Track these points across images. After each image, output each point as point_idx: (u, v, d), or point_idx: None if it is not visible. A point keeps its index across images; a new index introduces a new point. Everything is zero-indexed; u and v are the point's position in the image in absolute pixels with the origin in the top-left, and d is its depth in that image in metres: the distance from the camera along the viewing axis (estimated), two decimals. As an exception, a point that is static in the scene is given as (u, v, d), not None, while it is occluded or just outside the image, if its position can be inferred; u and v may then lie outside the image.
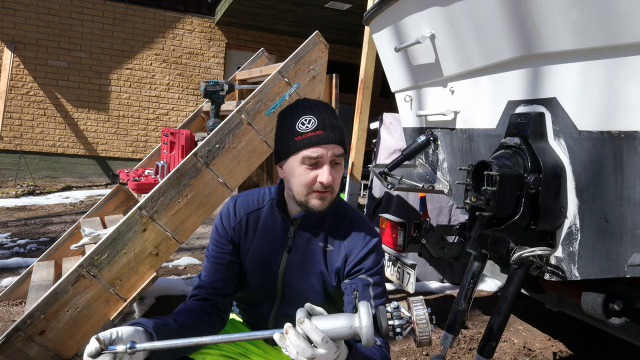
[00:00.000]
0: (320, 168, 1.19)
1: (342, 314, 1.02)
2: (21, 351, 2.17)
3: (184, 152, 2.84)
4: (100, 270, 2.30)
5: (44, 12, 8.08)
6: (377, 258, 1.29)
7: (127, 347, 0.97)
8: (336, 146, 1.20)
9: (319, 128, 1.19)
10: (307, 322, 0.97)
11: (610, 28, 1.28)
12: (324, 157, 1.19)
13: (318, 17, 8.26)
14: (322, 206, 1.22)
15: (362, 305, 1.00)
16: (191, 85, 9.20)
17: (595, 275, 1.48)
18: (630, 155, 1.35)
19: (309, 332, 0.96)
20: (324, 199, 1.22)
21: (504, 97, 1.71)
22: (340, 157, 1.22)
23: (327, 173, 1.18)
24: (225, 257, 1.33)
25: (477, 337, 2.92)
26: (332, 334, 0.98)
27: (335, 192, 1.25)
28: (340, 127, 1.23)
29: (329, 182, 1.19)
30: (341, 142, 1.22)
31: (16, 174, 8.15)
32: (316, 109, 1.23)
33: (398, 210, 3.75)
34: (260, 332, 1.03)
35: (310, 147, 1.18)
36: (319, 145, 1.18)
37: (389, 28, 2.32)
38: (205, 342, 1.02)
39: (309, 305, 1.04)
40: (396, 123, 3.98)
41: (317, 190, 1.21)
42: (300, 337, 0.96)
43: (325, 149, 1.18)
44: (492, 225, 1.59)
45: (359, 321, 0.98)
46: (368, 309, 0.99)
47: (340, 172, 1.24)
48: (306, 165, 1.19)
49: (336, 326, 0.99)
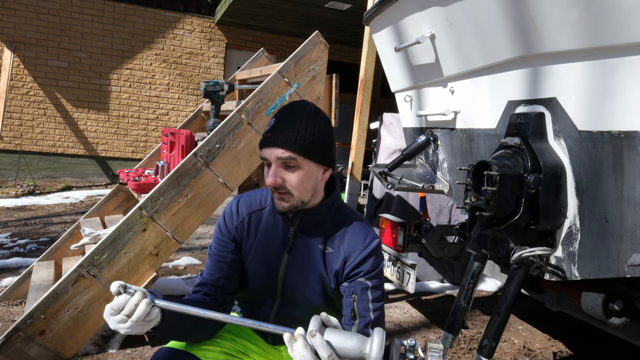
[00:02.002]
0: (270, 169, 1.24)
1: (355, 334, 1.00)
2: (21, 351, 2.17)
3: (184, 152, 2.85)
4: (100, 270, 2.30)
5: (44, 12, 8.08)
6: (376, 261, 1.29)
7: (148, 298, 1.01)
8: (279, 149, 1.20)
9: (270, 130, 1.23)
10: (318, 336, 0.96)
11: (610, 28, 1.28)
12: (268, 158, 1.22)
13: (318, 17, 8.26)
14: (279, 206, 1.25)
15: (377, 334, 0.98)
16: (191, 85, 9.20)
17: (595, 275, 1.48)
18: (630, 155, 1.35)
19: (317, 347, 0.96)
20: (280, 199, 1.25)
21: (504, 97, 1.71)
22: (287, 159, 1.20)
23: (270, 174, 1.22)
24: (227, 256, 1.34)
25: (477, 337, 2.92)
26: (341, 352, 0.97)
27: (296, 195, 1.23)
28: (300, 129, 1.21)
29: (271, 184, 1.22)
30: (286, 146, 1.19)
31: (16, 174, 8.15)
32: (282, 114, 1.25)
33: (398, 210, 3.76)
34: (273, 325, 1.02)
35: (262, 147, 1.24)
36: (265, 146, 1.23)
37: (389, 28, 2.32)
38: (218, 318, 1.03)
39: (325, 315, 1.04)
40: (396, 123, 3.98)
41: (273, 190, 1.25)
42: (307, 348, 0.95)
43: (269, 150, 1.22)
44: (492, 225, 1.58)
45: (370, 349, 0.96)
46: (382, 339, 0.97)
47: (297, 174, 1.22)
48: (266, 166, 1.25)
49: (346, 346, 0.98)
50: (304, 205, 1.27)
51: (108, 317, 1.02)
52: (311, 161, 1.23)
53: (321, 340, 0.96)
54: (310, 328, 0.98)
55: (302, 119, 1.23)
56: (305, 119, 1.23)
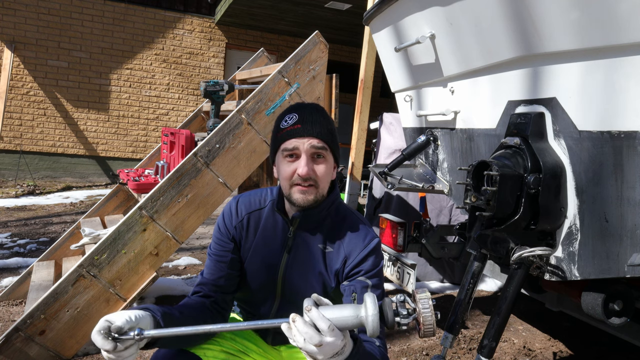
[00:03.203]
0: (298, 160, 1.23)
1: (348, 304, 1.04)
2: (21, 351, 2.17)
3: (184, 152, 2.85)
4: (100, 270, 2.30)
5: (44, 12, 8.08)
6: (376, 260, 1.30)
7: (135, 334, 1.00)
8: (313, 139, 1.23)
9: (297, 123, 1.23)
10: (314, 310, 0.98)
11: (610, 28, 1.28)
12: (299, 148, 1.22)
13: (318, 17, 8.27)
14: (304, 200, 1.24)
15: (368, 296, 1.01)
16: (191, 85, 9.20)
17: (595, 275, 1.48)
18: (630, 155, 1.35)
19: (316, 319, 0.97)
20: (305, 193, 1.23)
21: (504, 97, 1.71)
22: (321, 149, 1.24)
23: (303, 164, 1.21)
24: (227, 255, 1.34)
25: (477, 337, 2.92)
26: (339, 322, 0.99)
27: (320, 187, 1.25)
28: (324, 123, 1.26)
29: (305, 174, 1.21)
30: (320, 136, 1.24)
31: (16, 174, 8.15)
32: (302, 108, 1.27)
33: (398, 210, 3.75)
34: (268, 320, 1.04)
35: (287, 139, 1.23)
36: (294, 137, 1.22)
37: (389, 28, 2.32)
38: (213, 330, 1.04)
39: (316, 295, 1.06)
40: (396, 123, 3.98)
41: (298, 183, 1.23)
42: (307, 324, 0.97)
43: (301, 141, 1.22)
44: (492, 225, 1.59)
45: (365, 310, 0.99)
46: (374, 299, 1.01)
47: (325, 166, 1.25)
48: (287, 159, 1.24)
49: (343, 315, 1.00)
50: (321, 200, 1.28)
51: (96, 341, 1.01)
52: (332, 155, 1.28)
53: (318, 313, 0.98)
54: (305, 305, 1.00)
55: (322, 114, 1.28)
56: (324, 114, 1.29)
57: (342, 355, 1.00)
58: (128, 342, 1.00)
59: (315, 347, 0.95)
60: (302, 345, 0.97)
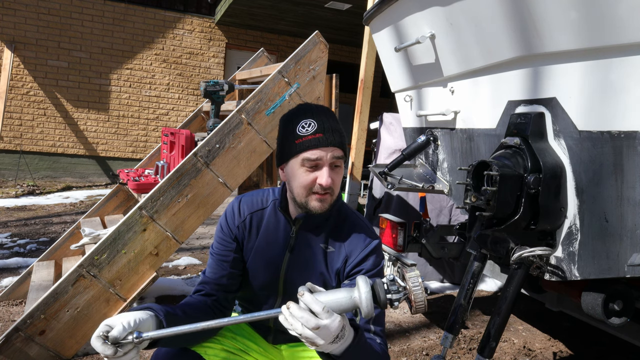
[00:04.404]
0: (319, 170, 1.22)
1: (341, 288, 1.07)
2: (21, 351, 2.17)
3: (184, 152, 2.85)
4: (100, 270, 2.30)
5: (44, 12, 8.08)
6: (376, 260, 1.31)
7: (135, 337, 1.00)
8: (335, 149, 1.23)
9: (318, 131, 1.22)
10: (307, 294, 1.01)
11: (610, 28, 1.28)
12: (323, 159, 1.21)
13: (318, 17, 8.26)
14: (321, 208, 1.25)
15: (361, 279, 1.04)
16: (191, 85, 9.20)
17: (595, 275, 1.48)
18: (630, 155, 1.35)
19: (309, 303, 0.99)
20: (323, 201, 1.24)
21: (504, 97, 1.71)
22: (339, 159, 1.24)
23: (326, 175, 1.21)
24: (229, 255, 1.35)
25: (477, 337, 2.92)
26: (333, 304, 1.01)
27: (335, 194, 1.27)
28: (340, 130, 1.26)
29: (328, 184, 1.21)
30: (340, 145, 1.24)
31: (16, 174, 8.15)
32: (317, 113, 1.26)
33: (398, 210, 3.75)
34: (264, 312, 1.05)
35: (309, 149, 1.21)
36: (318, 147, 1.21)
37: (389, 28, 2.32)
38: (211, 326, 1.05)
39: (310, 284, 1.08)
40: (396, 123, 3.98)
41: (317, 192, 1.23)
42: (302, 309, 0.99)
43: (325, 152, 1.21)
44: (492, 225, 1.59)
45: (358, 291, 1.02)
46: (366, 280, 1.04)
47: (340, 174, 1.26)
48: (306, 167, 1.22)
49: (336, 298, 1.03)
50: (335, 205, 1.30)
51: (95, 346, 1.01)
52: (344, 161, 1.28)
53: (311, 296, 1.00)
54: (299, 291, 1.02)
55: (335, 119, 1.27)
56: (336, 119, 1.28)
57: (343, 340, 1.03)
58: (128, 347, 1.01)
59: (313, 331, 0.97)
60: (300, 331, 0.98)
